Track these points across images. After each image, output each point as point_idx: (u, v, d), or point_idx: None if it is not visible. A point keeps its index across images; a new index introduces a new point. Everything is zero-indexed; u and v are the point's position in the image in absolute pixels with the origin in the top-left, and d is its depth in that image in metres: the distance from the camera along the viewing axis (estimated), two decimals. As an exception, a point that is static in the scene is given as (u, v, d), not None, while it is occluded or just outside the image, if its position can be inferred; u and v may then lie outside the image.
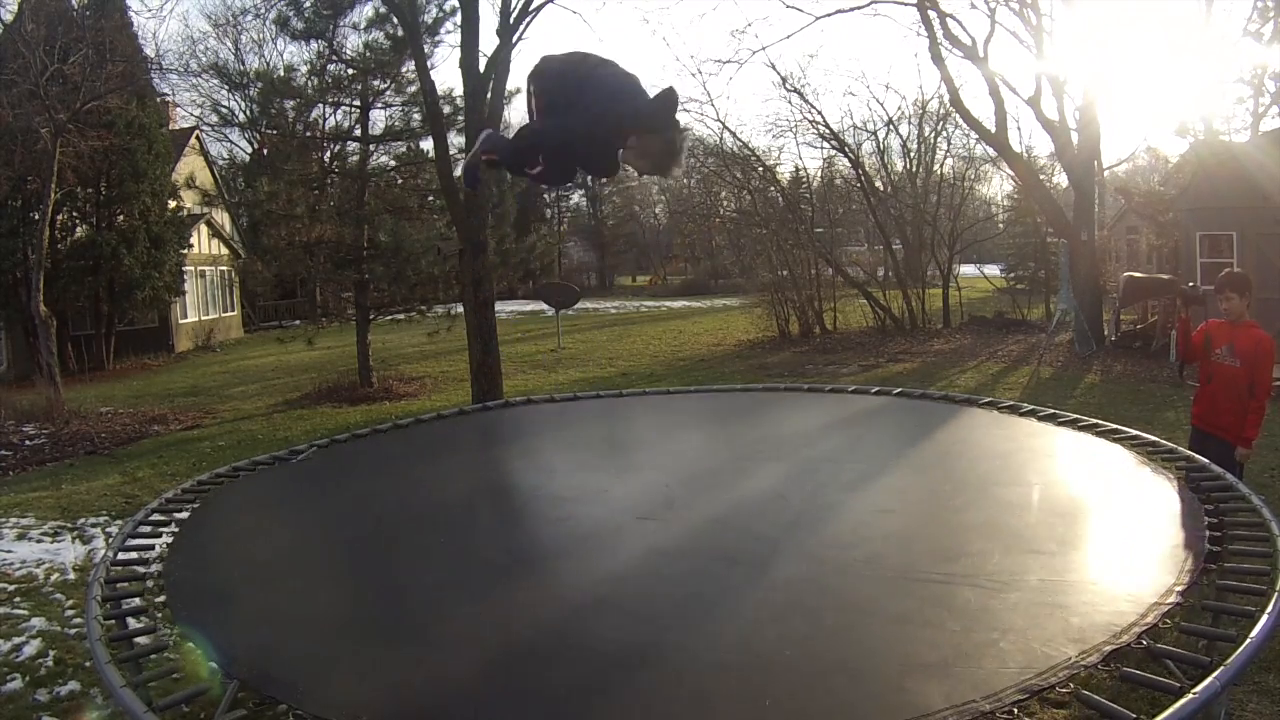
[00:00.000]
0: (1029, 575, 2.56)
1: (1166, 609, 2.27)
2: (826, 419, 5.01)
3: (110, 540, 4.61)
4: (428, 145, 13.74)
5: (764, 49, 23.12)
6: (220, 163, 29.54)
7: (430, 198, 15.13)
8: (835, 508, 3.36)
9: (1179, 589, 2.38)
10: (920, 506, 3.37)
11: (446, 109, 12.76)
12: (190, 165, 23.91)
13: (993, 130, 16.31)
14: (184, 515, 3.65)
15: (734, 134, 22.34)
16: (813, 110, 26.53)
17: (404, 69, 13.79)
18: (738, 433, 4.77)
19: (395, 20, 12.52)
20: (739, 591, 2.64)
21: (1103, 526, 3.04)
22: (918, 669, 2.08)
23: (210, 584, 2.95)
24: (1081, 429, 4.23)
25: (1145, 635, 2.14)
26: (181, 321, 24.33)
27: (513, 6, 10.56)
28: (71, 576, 5.68)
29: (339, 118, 15.17)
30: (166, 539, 3.38)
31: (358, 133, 14.52)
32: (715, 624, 2.43)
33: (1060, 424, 4.36)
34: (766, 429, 4.84)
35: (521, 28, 10.67)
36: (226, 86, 16.04)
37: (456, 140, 13.27)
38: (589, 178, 46.99)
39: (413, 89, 13.89)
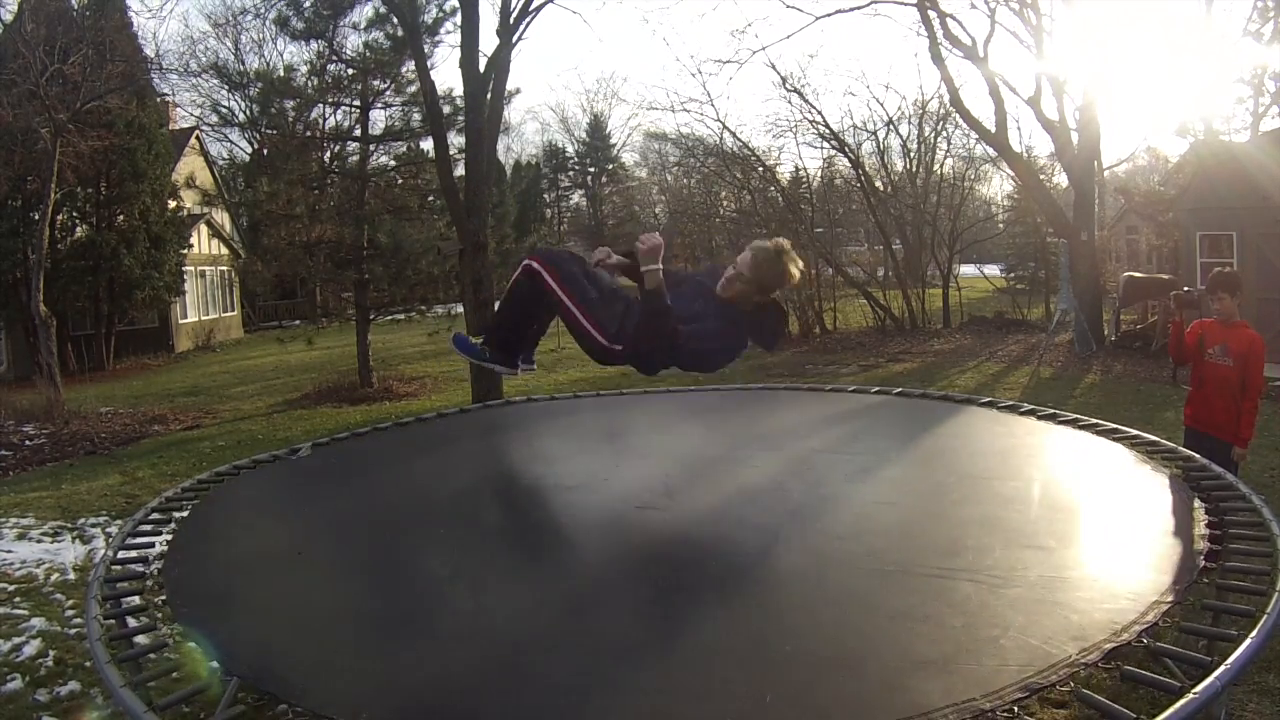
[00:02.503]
0: (1029, 571, 2.56)
1: (1166, 608, 2.27)
2: (825, 416, 5.01)
3: (110, 540, 4.61)
4: (428, 145, 13.76)
5: (764, 49, 23.07)
6: (220, 163, 29.64)
7: (430, 198, 15.14)
8: (834, 500, 3.35)
9: (1179, 588, 2.37)
10: (920, 500, 3.36)
11: (446, 109, 12.77)
12: (190, 165, 23.94)
13: (993, 130, 16.31)
14: (184, 514, 3.65)
15: (734, 134, 22.22)
16: (813, 110, 26.45)
17: (404, 69, 13.81)
18: (738, 430, 4.76)
19: (395, 20, 12.54)
20: (739, 585, 2.64)
21: (1102, 524, 3.03)
22: (919, 665, 2.07)
23: (210, 582, 2.95)
24: (1081, 428, 4.23)
25: (1145, 634, 2.14)
26: (181, 321, 24.35)
27: (513, 6, 10.57)
28: (71, 576, 5.68)
29: (339, 118, 15.22)
30: (167, 538, 3.37)
31: (358, 133, 14.53)
32: (715, 619, 2.43)
33: (1060, 423, 4.35)
34: (765, 425, 4.83)
35: (521, 28, 10.69)
36: (226, 86, 16.13)
37: (456, 140, 13.29)
38: (589, 176, 47.18)
39: (413, 89, 13.91)
